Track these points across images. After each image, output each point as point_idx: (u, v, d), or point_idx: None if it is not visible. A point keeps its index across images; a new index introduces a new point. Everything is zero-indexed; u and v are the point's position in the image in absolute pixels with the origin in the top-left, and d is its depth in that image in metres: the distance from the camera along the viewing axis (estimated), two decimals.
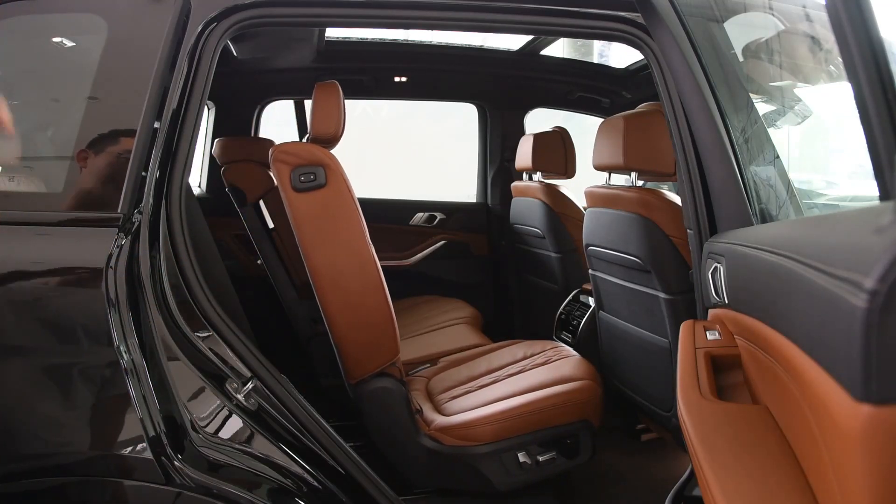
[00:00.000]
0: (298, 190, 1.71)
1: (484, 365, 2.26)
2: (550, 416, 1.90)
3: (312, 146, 1.75)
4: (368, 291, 1.77)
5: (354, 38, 3.06)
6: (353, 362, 1.83)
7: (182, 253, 1.36)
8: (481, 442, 1.85)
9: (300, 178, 1.71)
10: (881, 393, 0.63)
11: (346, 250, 1.75)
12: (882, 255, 0.61)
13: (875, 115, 0.69)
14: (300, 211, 1.73)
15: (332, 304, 1.76)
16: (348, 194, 1.75)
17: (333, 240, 1.74)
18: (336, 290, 1.75)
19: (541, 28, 1.63)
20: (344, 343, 1.80)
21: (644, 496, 2.12)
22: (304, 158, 1.72)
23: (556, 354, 2.20)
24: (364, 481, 1.48)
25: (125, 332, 1.25)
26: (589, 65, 3.44)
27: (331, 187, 1.72)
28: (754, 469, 0.92)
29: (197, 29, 1.39)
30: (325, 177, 1.72)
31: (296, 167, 1.72)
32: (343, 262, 1.75)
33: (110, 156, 1.33)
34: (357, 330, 1.79)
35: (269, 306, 2.72)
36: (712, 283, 1.32)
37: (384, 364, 1.84)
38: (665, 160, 1.87)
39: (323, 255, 1.74)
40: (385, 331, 1.81)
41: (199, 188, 3.30)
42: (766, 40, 1.52)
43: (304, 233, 1.74)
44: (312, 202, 1.72)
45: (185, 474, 1.26)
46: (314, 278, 1.75)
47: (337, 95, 1.79)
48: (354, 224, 1.75)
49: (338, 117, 1.78)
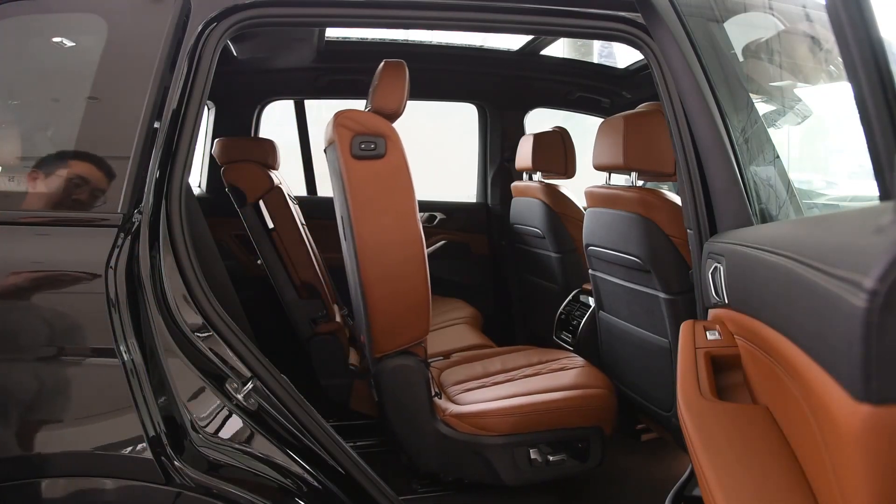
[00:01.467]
0: (357, 157, 1.74)
1: (498, 364, 2.28)
2: (565, 417, 1.92)
3: (377, 117, 1.78)
4: (410, 266, 1.79)
5: (354, 38, 3.06)
6: (381, 335, 1.83)
7: (182, 253, 1.36)
8: (495, 433, 1.86)
9: (360, 145, 1.74)
10: (881, 393, 0.63)
11: (394, 222, 1.77)
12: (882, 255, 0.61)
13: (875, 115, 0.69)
14: (355, 178, 1.75)
15: (372, 274, 1.77)
16: (405, 169, 1.78)
17: (384, 210, 1.77)
18: (378, 260, 1.77)
19: (541, 28, 1.63)
20: (376, 314, 1.81)
21: (644, 496, 2.12)
22: (367, 127, 1.76)
23: (571, 363, 2.21)
24: (364, 481, 1.48)
25: (125, 332, 1.25)
26: (589, 65, 3.44)
27: (389, 159, 1.76)
28: (754, 469, 0.92)
29: (197, 29, 1.39)
30: (385, 148, 1.75)
31: (358, 134, 1.75)
32: (390, 234, 1.77)
33: (110, 156, 1.33)
34: (392, 302, 1.80)
35: (269, 306, 2.72)
36: (712, 283, 1.32)
37: (411, 341, 1.86)
38: (665, 160, 1.87)
39: (371, 224, 1.76)
40: (419, 308, 1.83)
41: (199, 188, 3.30)
42: (766, 40, 1.52)
43: (356, 200, 1.76)
44: (368, 171, 1.75)
45: (185, 474, 1.26)
46: (358, 245, 1.77)
47: (404, 74, 1.84)
48: (407, 198, 1.78)
49: (401, 94, 1.83)
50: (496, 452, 1.87)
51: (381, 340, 1.84)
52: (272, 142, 2.75)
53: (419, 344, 1.88)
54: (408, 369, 1.86)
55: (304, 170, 3.44)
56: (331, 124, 1.82)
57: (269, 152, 2.69)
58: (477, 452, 1.87)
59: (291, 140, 3.36)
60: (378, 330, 1.83)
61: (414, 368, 1.86)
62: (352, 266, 1.85)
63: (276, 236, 2.55)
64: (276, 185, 2.55)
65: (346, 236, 1.84)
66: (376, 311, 1.80)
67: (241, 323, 1.76)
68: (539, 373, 2.17)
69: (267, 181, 2.54)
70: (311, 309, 2.55)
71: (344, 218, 1.86)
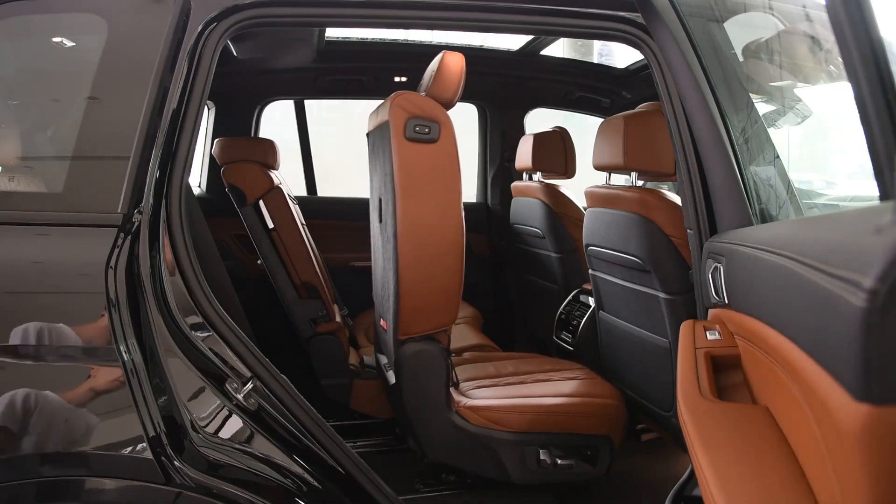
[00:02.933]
0: (409, 139, 1.76)
1: (511, 367, 2.29)
2: (578, 422, 1.94)
3: (435, 102, 1.80)
4: (448, 252, 1.81)
5: (354, 38, 3.05)
6: (409, 317, 1.84)
7: (182, 253, 1.36)
8: (508, 429, 1.88)
9: (415, 128, 1.76)
10: (881, 393, 0.63)
11: (438, 207, 1.79)
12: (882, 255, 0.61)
13: (875, 115, 0.69)
14: (405, 160, 1.76)
15: (409, 256, 1.78)
16: (455, 157, 1.79)
17: (429, 194, 1.78)
18: (418, 242, 1.78)
19: (541, 28, 1.63)
20: (407, 296, 1.81)
21: (644, 496, 2.12)
22: (423, 111, 1.77)
23: (582, 374, 2.22)
24: (364, 481, 1.48)
25: (125, 332, 1.25)
26: (589, 65, 3.43)
27: (441, 145, 1.77)
28: (754, 469, 0.92)
29: (197, 29, 1.39)
30: (439, 133, 1.77)
31: (413, 117, 1.76)
32: (432, 218, 1.78)
33: (110, 156, 1.33)
34: (425, 286, 1.81)
35: (269, 306, 2.72)
36: (712, 282, 1.32)
37: (437, 328, 1.87)
38: (665, 160, 1.87)
39: (414, 207, 1.77)
40: (451, 295, 1.84)
41: (199, 188, 3.30)
42: (766, 40, 1.52)
43: (403, 181, 1.77)
44: (419, 154, 1.76)
45: (185, 474, 1.25)
46: (400, 226, 1.78)
47: (462, 67, 1.86)
48: (453, 186, 1.80)
49: (458, 85, 1.85)
50: (507, 448, 1.88)
51: (407, 323, 1.85)
52: (272, 142, 2.75)
53: (444, 331, 1.89)
54: (429, 354, 1.87)
55: (304, 170, 3.44)
56: (385, 105, 1.84)
57: (269, 152, 2.69)
58: (487, 446, 1.88)
59: (291, 140, 3.36)
60: (407, 311, 1.83)
61: (436, 354, 1.87)
62: (387, 247, 1.87)
63: (276, 236, 2.55)
64: (276, 185, 2.55)
65: (386, 217, 1.86)
66: (408, 292, 1.81)
67: (241, 323, 1.76)
68: (550, 379, 2.18)
69: (267, 181, 2.54)
70: (311, 309, 2.55)
71: (384, 199, 1.87)
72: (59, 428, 1.25)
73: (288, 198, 2.62)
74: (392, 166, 1.78)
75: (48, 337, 1.26)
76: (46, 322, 1.25)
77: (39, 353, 1.25)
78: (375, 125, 2.00)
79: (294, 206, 2.72)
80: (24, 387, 1.23)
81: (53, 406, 1.24)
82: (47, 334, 1.26)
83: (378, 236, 2.09)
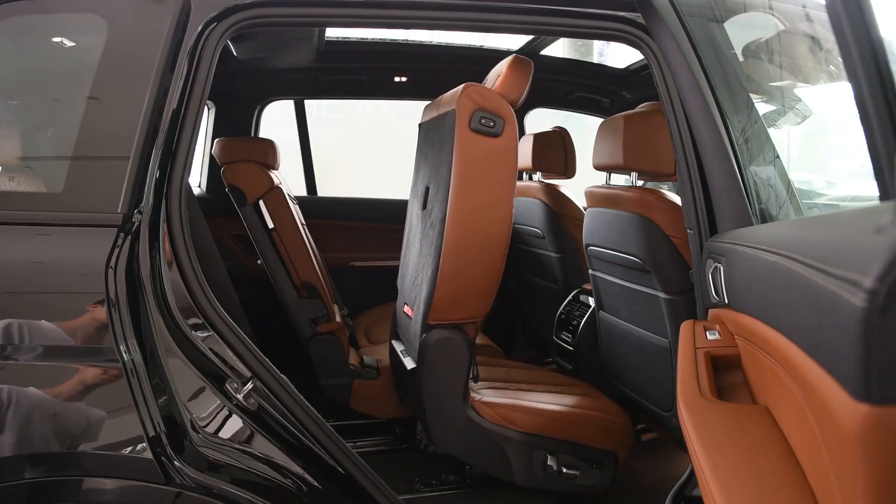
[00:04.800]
0: (474, 130, 1.78)
1: (522, 375, 2.30)
2: (588, 433, 1.95)
3: (502, 98, 1.82)
4: (490, 246, 1.83)
5: (354, 38, 3.05)
6: (442, 303, 1.86)
7: (182, 253, 1.36)
8: (520, 429, 1.89)
9: (481, 120, 1.78)
10: (881, 393, 0.63)
11: (489, 201, 1.81)
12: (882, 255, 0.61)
13: (875, 115, 0.69)
14: (466, 150, 1.78)
15: (454, 242, 1.80)
16: (514, 154, 1.82)
17: (482, 187, 1.80)
18: (463, 230, 1.80)
19: (541, 28, 1.64)
20: (444, 283, 1.83)
21: (644, 496, 2.12)
22: (492, 105, 1.80)
23: (593, 392, 2.23)
24: (364, 481, 1.48)
25: (125, 332, 1.25)
26: (589, 65, 3.43)
27: (503, 140, 1.80)
28: (754, 469, 0.92)
29: (197, 29, 1.39)
30: (503, 129, 1.79)
31: (480, 109, 1.78)
32: (480, 211, 1.80)
33: (110, 156, 1.33)
34: (462, 275, 1.83)
35: (269, 306, 2.72)
36: (712, 282, 1.32)
37: (468, 318, 1.89)
38: (665, 160, 1.87)
39: (466, 196, 1.79)
40: (487, 287, 1.87)
41: (199, 188, 3.30)
42: (766, 40, 1.52)
43: (461, 169, 1.79)
44: (481, 146, 1.79)
45: (185, 474, 1.25)
46: (450, 212, 1.80)
47: (530, 72, 1.90)
48: (507, 182, 1.82)
49: (524, 89, 1.89)
50: (516, 448, 1.89)
51: (440, 308, 1.86)
52: (272, 142, 2.75)
53: (473, 323, 1.91)
54: (455, 343, 1.88)
55: (304, 170, 3.44)
56: (454, 95, 1.86)
57: (269, 152, 2.69)
58: (497, 444, 1.89)
59: (291, 140, 3.36)
60: (441, 297, 1.84)
61: (461, 344, 1.88)
62: (428, 232, 1.89)
63: (276, 236, 2.55)
64: (276, 184, 2.55)
65: (433, 203, 1.89)
66: (445, 281, 1.83)
67: (241, 323, 1.76)
68: (562, 391, 2.19)
69: (267, 181, 2.54)
70: (311, 309, 2.55)
71: (434, 186, 1.91)
72: (59, 428, 1.25)
73: (288, 198, 2.62)
74: (451, 154, 1.80)
75: (48, 337, 1.26)
76: (46, 322, 1.25)
77: (39, 354, 1.25)
78: (435, 115, 2.02)
79: (294, 206, 2.72)
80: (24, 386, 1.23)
81: (52, 406, 1.24)
82: (47, 334, 1.26)
83: (417, 223, 2.12)
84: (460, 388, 1.89)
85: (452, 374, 1.88)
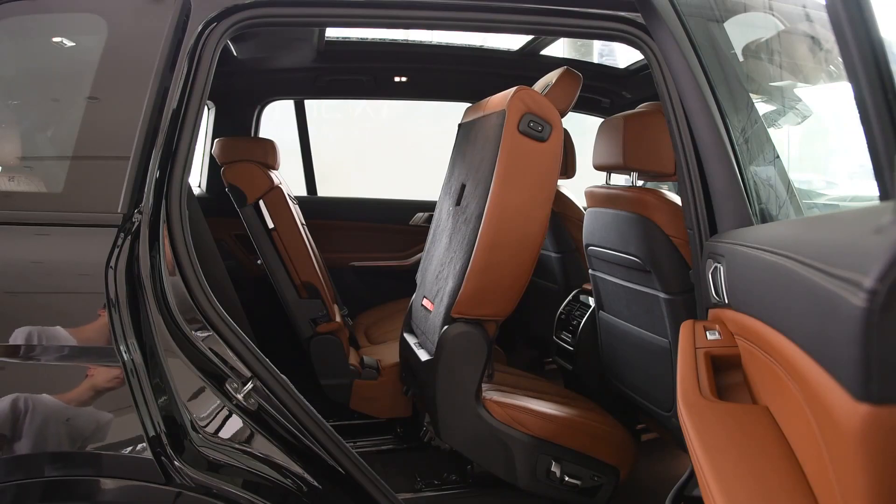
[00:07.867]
0: (521, 132, 1.80)
1: (529, 384, 2.30)
2: (595, 444, 1.96)
3: (552, 105, 1.85)
4: (523, 248, 1.84)
5: (354, 38, 3.05)
6: (468, 296, 1.86)
7: (182, 253, 1.36)
8: (529, 432, 1.89)
9: (529, 123, 1.80)
10: (881, 393, 0.63)
11: (527, 204, 1.82)
12: (882, 255, 0.61)
13: (875, 115, 0.69)
14: (511, 150, 1.80)
15: (488, 238, 1.81)
16: (557, 162, 1.84)
17: (524, 187, 1.81)
18: (500, 228, 1.81)
19: (541, 28, 1.64)
20: (472, 278, 1.84)
21: (644, 496, 2.12)
22: (542, 109, 1.82)
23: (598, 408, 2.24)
24: (364, 481, 1.48)
25: (125, 332, 1.25)
26: (589, 65, 3.43)
27: (548, 146, 1.82)
28: (754, 469, 0.92)
29: (197, 29, 1.39)
30: (550, 135, 1.81)
31: (530, 112, 1.80)
32: (517, 212, 1.82)
33: (110, 156, 1.33)
34: (493, 272, 1.84)
35: (269, 306, 2.72)
36: (712, 282, 1.32)
37: (491, 315, 1.90)
38: (665, 160, 1.87)
39: (505, 196, 1.80)
40: (514, 287, 1.88)
41: (199, 188, 3.30)
42: (766, 40, 1.52)
43: (503, 169, 1.80)
44: (526, 149, 1.80)
45: (185, 474, 1.25)
46: (488, 210, 1.81)
47: (579, 85, 1.95)
48: (548, 186, 1.84)
49: (571, 99, 1.93)
50: (522, 450, 1.89)
51: (465, 302, 1.87)
52: (272, 142, 2.75)
53: (494, 322, 1.92)
54: (475, 338, 1.88)
55: (304, 170, 3.44)
56: (504, 97, 1.87)
57: (269, 152, 2.69)
58: (504, 444, 1.89)
59: (291, 140, 3.37)
60: (469, 290, 1.85)
61: (480, 340, 1.89)
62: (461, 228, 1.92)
63: (277, 236, 2.55)
64: (276, 184, 2.55)
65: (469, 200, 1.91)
66: (474, 276, 1.83)
67: (241, 323, 1.76)
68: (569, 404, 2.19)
69: (267, 181, 2.54)
70: (311, 309, 2.55)
71: (471, 183, 1.93)
72: (59, 428, 1.25)
73: (288, 198, 2.62)
74: (496, 152, 1.81)
75: (48, 337, 1.26)
76: (46, 322, 1.26)
77: (39, 353, 1.25)
78: (480, 115, 2.05)
79: (294, 206, 2.72)
80: (24, 387, 1.23)
81: (52, 406, 1.24)
82: (47, 334, 1.26)
83: (447, 219, 2.14)
84: (474, 383, 1.89)
85: (468, 368, 1.88)
